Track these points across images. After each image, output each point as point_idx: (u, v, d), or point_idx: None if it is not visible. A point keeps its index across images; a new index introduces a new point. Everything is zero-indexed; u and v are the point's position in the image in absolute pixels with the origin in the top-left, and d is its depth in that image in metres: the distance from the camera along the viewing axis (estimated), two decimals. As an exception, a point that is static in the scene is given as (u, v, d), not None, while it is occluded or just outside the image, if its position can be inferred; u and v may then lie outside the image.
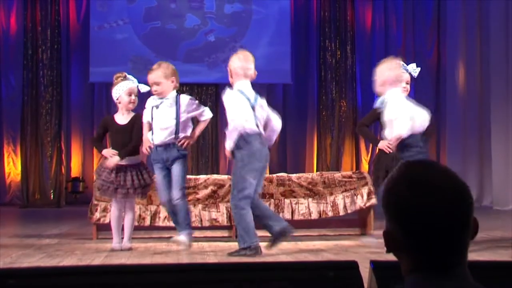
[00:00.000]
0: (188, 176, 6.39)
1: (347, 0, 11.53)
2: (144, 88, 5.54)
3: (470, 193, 1.29)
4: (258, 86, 11.18)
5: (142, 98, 5.73)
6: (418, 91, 11.48)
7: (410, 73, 5.55)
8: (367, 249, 5.30)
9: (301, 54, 11.19)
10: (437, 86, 11.54)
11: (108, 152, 5.41)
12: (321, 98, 11.06)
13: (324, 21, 11.46)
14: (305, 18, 11.49)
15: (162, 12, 10.99)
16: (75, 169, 10.87)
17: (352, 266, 1.74)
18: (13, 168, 10.84)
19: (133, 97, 5.49)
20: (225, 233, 6.33)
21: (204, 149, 11.09)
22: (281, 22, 11.14)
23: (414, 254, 1.27)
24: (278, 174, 6.52)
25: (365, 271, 1.74)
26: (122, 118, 5.50)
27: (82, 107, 10.82)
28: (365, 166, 11.14)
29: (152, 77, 5.35)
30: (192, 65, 10.54)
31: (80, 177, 10.86)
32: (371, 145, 11.29)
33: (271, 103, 11.15)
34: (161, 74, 5.34)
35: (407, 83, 5.54)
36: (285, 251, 5.24)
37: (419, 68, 5.59)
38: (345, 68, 11.49)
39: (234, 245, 5.40)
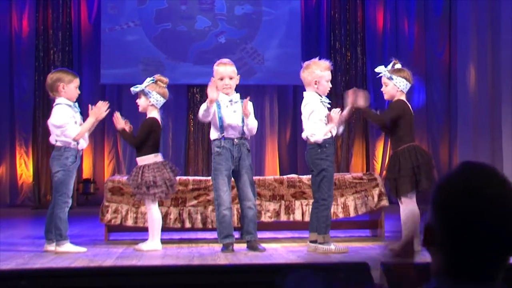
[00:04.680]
0: (199, 178, 6.41)
1: (357, 2, 11.51)
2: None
3: None
4: (269, 87, 11.23)
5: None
6: (429, 91, 11.44)
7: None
8: (378, 251, 5.29)
9: (311, 55, 11.08)
10: (448, 85, 11.49)
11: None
12: (331, 100, 11.03)
13: (334, 23, 11.45)
14: (315, 20, 11.48)
15: (172, 14, 11.01)
16: (86, 171, 10.91)
17: (363, 268, 1.74)
18: (25, 170, 10.89)
19: None
20: (236, 235, 6.33)
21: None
22: (292, 24, 11.13)
23: (449, 256, 1.24)
24: (288, 176, 6.51)
25: (375, 273, 1.74)
26: None
27: (93, 109, 10.85)
28: (376, 168, 11.11)
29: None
30: (202, 66, 10.55)
31: (91, 179, 10.89)
32: (382, 147, 11.25)
33: (282, 104, 11.23)
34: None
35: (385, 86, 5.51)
36: (296, 253, 5.24)
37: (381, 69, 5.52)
38: (356, 70, 11.47)
39: (244, 246, 5.41)
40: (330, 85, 5.50)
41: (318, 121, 5.35)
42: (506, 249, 1.23)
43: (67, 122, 5.42)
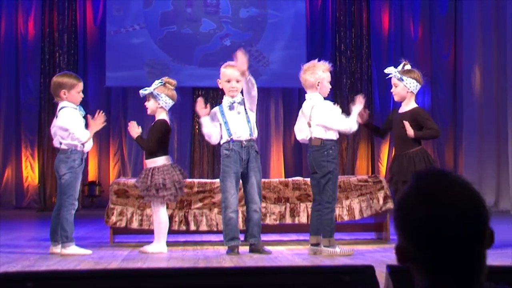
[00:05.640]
0: (204, 180, 6.41)
1: (362, 4, 11.51)
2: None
3: (485, 203, 1.24)
4: (274, 90, 11.23)
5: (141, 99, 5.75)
6: (434, 93, 11.43)
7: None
8: (384, 253, 5.28)
9: (317, 57, 11.15)
10: (453, 88, 11.47)
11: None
12: (336, 102, 11.02)
13: (339, 25, 11.45)
14: (320, 22, 11.49)
15: (178, 16, 11.03)
16: (92, 173, 10.93)
17: (369, 271, 1.73)
18: (31, 172, 10.92)
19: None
20: (241, 237, 6.32)
21: (220, 153, 11.11)
22: (297, 26, 11.14)
23: (427, 270, 1.22)
24: (293, 178, 6.51)
25: (381, 276, 1.74)
26: None
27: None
28: (381, 170, 11.09)
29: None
30: (207, 69, 10.57)
31: (97, 181, 10.91)
32: (387, 150, 11.24)
33: (287, 107, 11.22)
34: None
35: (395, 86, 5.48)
36: (301, 255, 5.23)
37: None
38: (361, 72, 11.47)
39: (247, 249, 5.41)
40: (330, 86, 5.49)
41: (340, 115, 5.35)
42: (478, 247, 1.21)
43: (76, 125, 5.44)
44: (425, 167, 5.18)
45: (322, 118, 5.31)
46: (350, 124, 5.33)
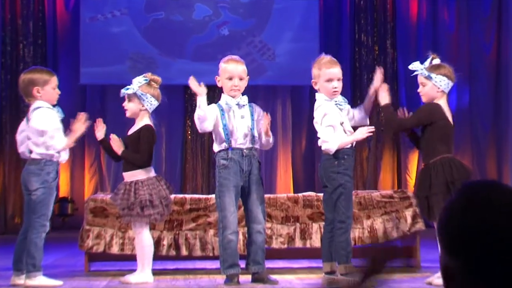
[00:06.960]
0: (198, 196, 6.42)
1: (386, -15, 11.55)
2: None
3: None
4: (281, 88, 11.25)
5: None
6: (473, 92, 11.43)
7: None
8: (413, 284, 5.29)
9: (332, 50, 11.19)
10: (496, 85, 11.47)
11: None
12: (355, 103, 11.06)
13: (359, 11, 11.47)
14: (336, 8, 11.51)
15: (166, 1, 11.07)
16: (63, 188, 10.93)
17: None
18: (-11, 187, 10.93)
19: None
20: (241, 264, 6.33)
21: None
22: (308, 12, 11.17)
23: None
24: (304, 194, 6.53)
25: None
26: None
27: (71, 114, 10.87)
28: (409, 184, 11.09)
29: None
30: (202, 63, 10.58)
31: (69, 198, 10.92)
32: (416, 159, 11.24)
33: (296, 108, 11.24)
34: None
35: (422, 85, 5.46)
36: (314, 286, 5.24)
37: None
38: (385, 67, 11.45)
39: (250, 278, 5.42)
40: (336, 85, 5.34)
41: (330, 126, 5.28)
42: None
43: (55, 128, 5.44)
44: (444, 180, 5.17)
45: (316, 120, 5.35)
46: (330, 145, 5.25)
